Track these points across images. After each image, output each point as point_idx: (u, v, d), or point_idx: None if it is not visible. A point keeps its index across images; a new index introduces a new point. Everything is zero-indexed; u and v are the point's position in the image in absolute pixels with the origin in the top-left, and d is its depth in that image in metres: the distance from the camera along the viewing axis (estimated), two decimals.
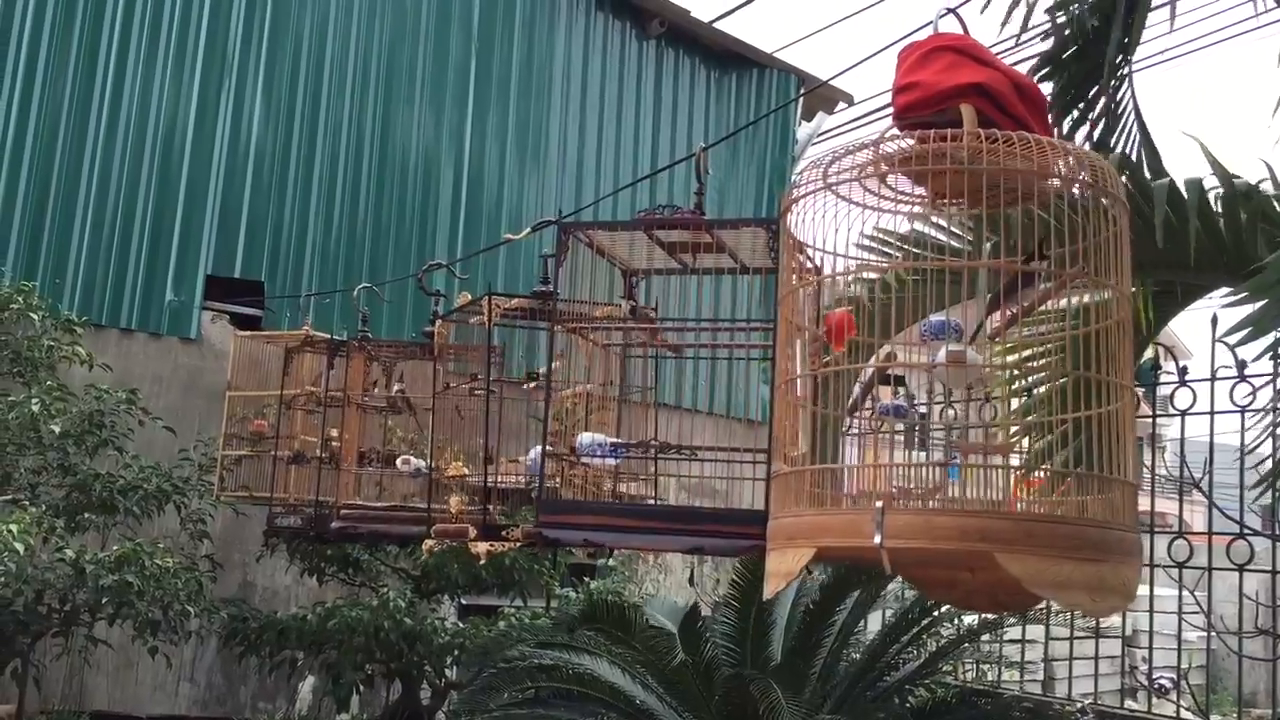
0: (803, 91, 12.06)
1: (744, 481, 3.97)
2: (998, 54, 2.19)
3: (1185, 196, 3.47)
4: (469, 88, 10.44)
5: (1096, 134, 4.09)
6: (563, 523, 3.64)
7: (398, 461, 5.60)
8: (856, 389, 2.40)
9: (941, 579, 2.10)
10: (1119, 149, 4.04)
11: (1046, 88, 4.06)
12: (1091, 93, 4.04)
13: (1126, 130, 4.06)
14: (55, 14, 8.65)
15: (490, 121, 10.55)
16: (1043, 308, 2.20)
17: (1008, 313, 2.09)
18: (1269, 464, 4.04)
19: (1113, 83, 3.91)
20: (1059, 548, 1.78)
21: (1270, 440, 4.01)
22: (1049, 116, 2.21)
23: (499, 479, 4.48)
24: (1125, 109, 4.05)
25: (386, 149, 9.98)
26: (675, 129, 11.70)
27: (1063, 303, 2.19)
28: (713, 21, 11.73)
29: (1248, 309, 2.91)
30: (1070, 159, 2.00)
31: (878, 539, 1.76)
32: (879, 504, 1.79)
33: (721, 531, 3.50)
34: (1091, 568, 1.79)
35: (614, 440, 3.95)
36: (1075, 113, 4.10)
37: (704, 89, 12.02)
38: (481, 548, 4.00)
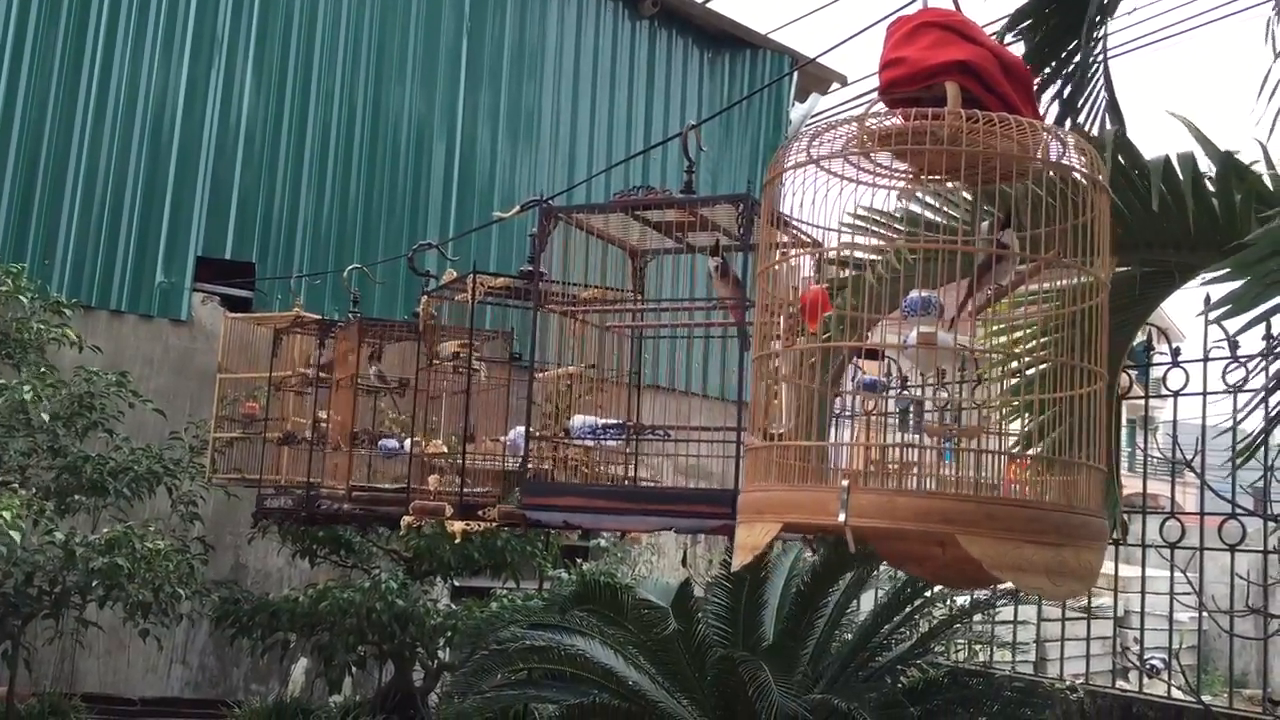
0: (795, 67, 12.00)
1: (731, 461, 3.97)
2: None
3: (1179, 173, 3.45)
4: (461, 67, 10.38)
5: (1066, 92, 4.07)
6: (545, 504, 3.65)
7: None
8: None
9: (914, 554, 2.12)
10: (1084, 109, 4.03)
11: (1020, 47, 4.04)
12: (1067, 49, 4.02)
13: (1094, 91, 4.04)
14: None
15: (482, 100, 10.49)
16: (1019, 290, 2.19)
17: (983, 293, 2.07)
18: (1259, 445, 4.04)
19: (1089, 41, 3.89)
20: (1020, 530, 1.79)
21: (1260, 416, 4.01)
22: (1034, 93, 2.19)
23: (481, 459, 4.46)
24: (1095, 70, 4.02)
25: (378, 128, 9.93)
26: (668, 110, 11.64)
27: (1041, 285, 2.18)
28: (706, 2, 11.66)
29: (1232, 285, 2.89)
30: (1053, 140, 1.98)
31: (842, 517, 1.77)
32: (844, 482, 1.81)
33: (692, 511, 3.52)
34: (1052, 551, 1.80)
35: (605, 422, 3.95)
36: (1048, 69, 4.08)
37: (697, 70, 11.96)
38: (457, 526, 4.00)
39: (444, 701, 7.07)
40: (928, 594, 5.74)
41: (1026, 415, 3.08)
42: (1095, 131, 4.10)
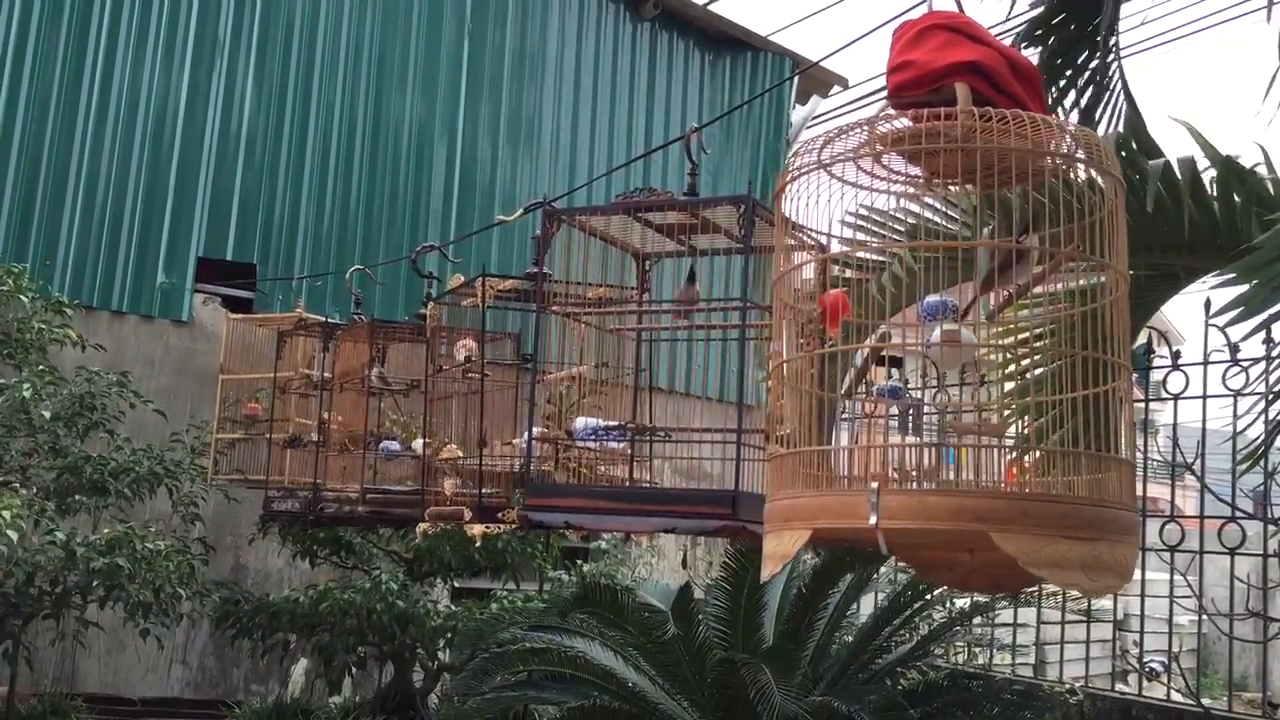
0: (796, 71, 12.01)
1: (732, 463, 3.97)
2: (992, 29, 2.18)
3: (1179, 177, 3.46)
4: (462, 69, 10.39)
5: (1084, 100, 4.08)
6: (547, 505, 3.66)
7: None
8: (851, 372, 2.39)
9: (940, 560, 2.10)
10: (1106, 116, 4.04)
11: (1035, 53, 4.05)
12: (1080, 58, 4.02)
13: (1114, 97, 4.05)
14: None
15: (483, 103, 10.50)
16: (1038, 288, 2.19)
17: (1003, 292, 2.07)
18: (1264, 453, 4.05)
19: (1102, 48, 3.90)
20: (1055, 526, 1.77)
21: (1260, 422, 4.02)
22: (1043, 92, 2.19)
23: (495, 462, 4.47)
24: (1113, 75, 4.03)
25: (379, 130, 9.93)
26: (669, 112, 11.65)
27: (1059, 283, 2.18)
28: (707, 4, 11.67)
29: (1238, 290, 2.90)
30: (1066, 137, 1.99)
31: (873, 520, 1.75)
32: (874, 485, 1.79)
33: (692, 512, 3.53)
34: (1087, 546, 1.78)
35: (606, 424, 3.96)
36: (1063, 80, 4.09)
37: (698, 72, 11.97)
38: (477, 529, 4.01)
39: (444, 703, 7.07)
40: (928, 596, 5.75)
41: (1050, 412, 3.08)
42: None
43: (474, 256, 9.10)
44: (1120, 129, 4.02)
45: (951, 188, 2.14)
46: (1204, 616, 5.68)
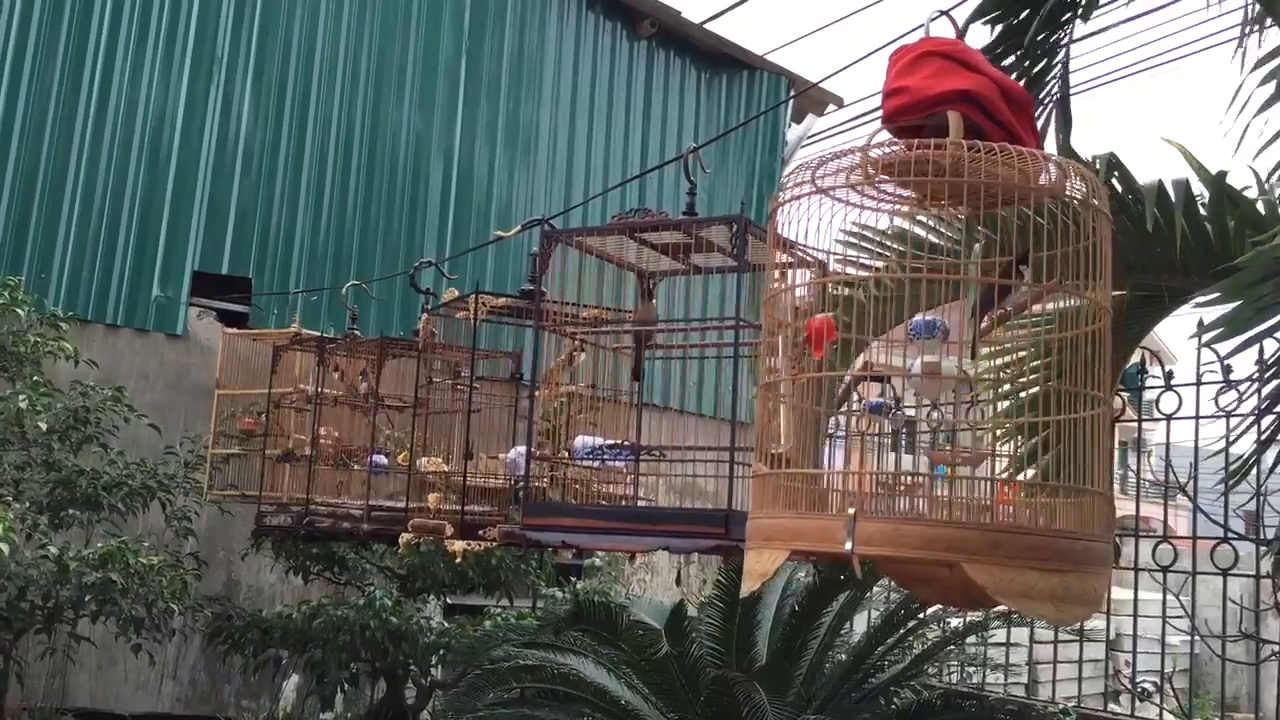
0: (792, 94, 12.07)
1: (729, 481, 3.98)
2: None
3: (1172, 198, 3.48)
4: (459, 85, 10.42)
5: (1034, 70, 4.07)
6: (544, 525, 3.68)
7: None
8: (839, 388, 2.41)
9: (921, 575, 2.13)
10: (1043, 96, 4.04)
11: (985, 31, 4.05)
12: (1034, 40, 4.03)
13: (1048, 92, 4.06)
14: (44, 5, 8.61)
15: (480, 119, 10.53)
16: (1020, 315, 2.22)
17: (990, 318, 2.10)
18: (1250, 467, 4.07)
19: (1053, 38, 3.91)
20: (1025, 558, 1.81)
21: (1252, 440, 4.03)
22: (1035, 120, 2.22)
23: (480, 478, 4.48)
24: (1054, 71, 4.04)
25: (376, 145, 9.96)
26: (665, 129, 11.70)
27: (1044, 308, 2.20)
28: (704, 23, 11.73)
29: (1225, 308, 2.92)
30: (1054, 168, 2.01)
31: (849, 545, 1.79)
32: (851, 510, 1.82)
33: (686, 531, 3.56)
34: (1057, 578, 1.82)
35: (605, 442, 3.98)
36: (1010, 60, 4.08)
37: (694, 90, 12.03)
38: (458, 546, 4.02)
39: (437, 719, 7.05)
40: (921, 615, 5.75)
41: (1025, 439, 3.10)
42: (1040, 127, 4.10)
43: (470, 272, 9.12)
44: (1046, 119, 4.03)
45: (941, 210, 2.16)
46: (1196, 637, 5.69)
